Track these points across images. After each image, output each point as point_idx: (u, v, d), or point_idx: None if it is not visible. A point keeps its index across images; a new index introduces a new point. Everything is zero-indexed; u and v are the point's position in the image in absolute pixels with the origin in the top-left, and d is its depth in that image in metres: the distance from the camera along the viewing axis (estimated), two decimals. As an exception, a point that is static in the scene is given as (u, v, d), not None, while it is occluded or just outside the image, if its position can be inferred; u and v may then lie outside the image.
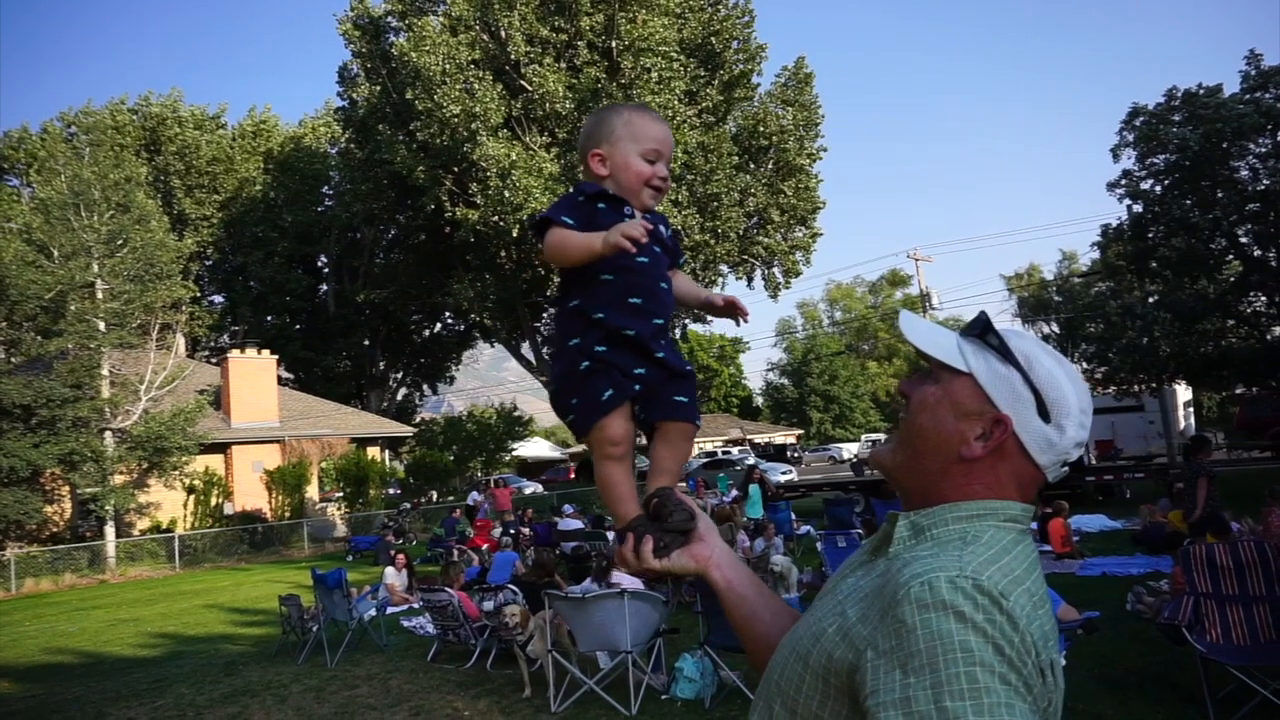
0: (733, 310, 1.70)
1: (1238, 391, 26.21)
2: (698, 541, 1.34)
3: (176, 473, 23.19)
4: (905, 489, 1.13)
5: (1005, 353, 1.08)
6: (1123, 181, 20.00)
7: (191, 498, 24.63)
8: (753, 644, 1.26)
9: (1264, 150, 18.15)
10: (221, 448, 25.81)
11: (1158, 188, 19.47)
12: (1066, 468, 1.10)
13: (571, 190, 1.54)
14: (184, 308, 31.22)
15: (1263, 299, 18.78)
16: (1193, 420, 34.51)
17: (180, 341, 28.66)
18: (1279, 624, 5.43)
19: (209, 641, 11.12)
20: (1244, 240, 18.76)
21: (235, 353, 27.75)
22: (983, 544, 0.99)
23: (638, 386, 1.40)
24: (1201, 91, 19.01)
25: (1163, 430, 27.33)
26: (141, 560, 22.17)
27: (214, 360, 32.91)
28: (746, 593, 1.30)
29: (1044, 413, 1.05)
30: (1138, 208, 19.77)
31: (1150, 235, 19.57)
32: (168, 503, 24.06)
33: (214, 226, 37.47)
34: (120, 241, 23.15)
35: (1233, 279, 19.34)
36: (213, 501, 25.04)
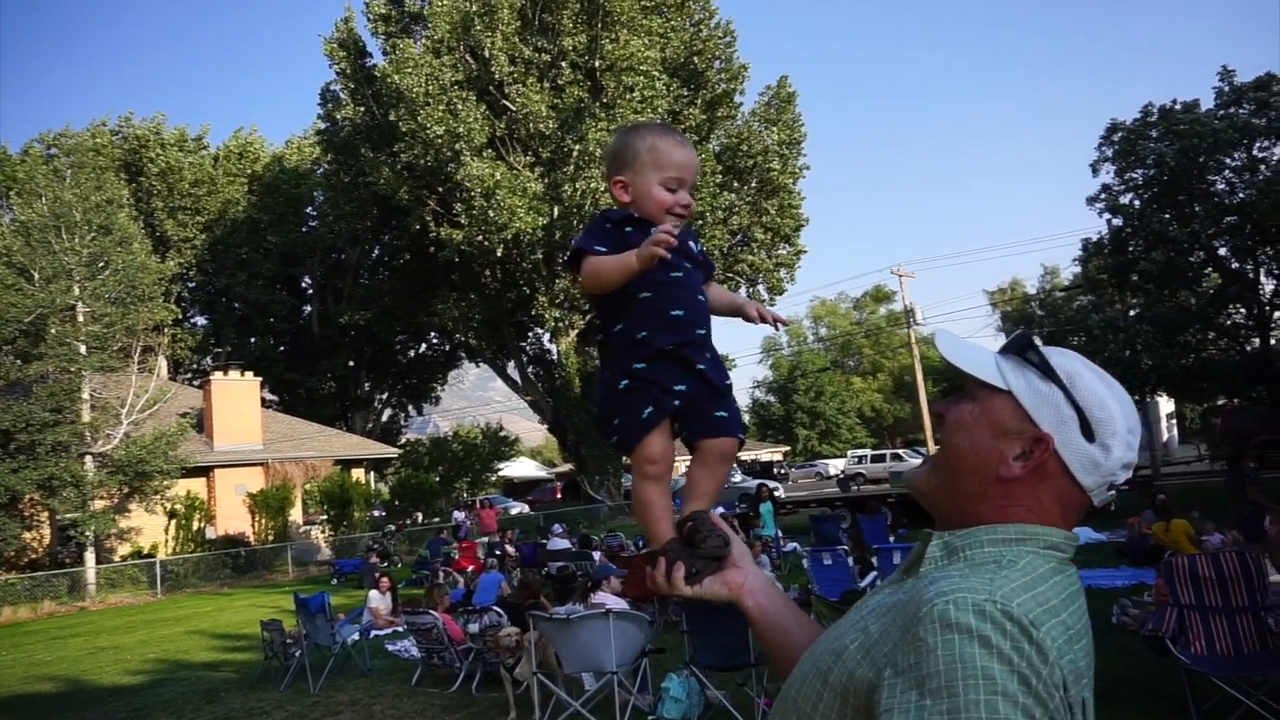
0: (765, 320, 1.67)
1: (1219, 403, 26.44)
2: (731, 568, 1.31)
3: (158, 497, 22.94)
4: (942, 512, 1.09)
5: (1046, 370, 1.04)
6: (1102, 196, 20.25)
7: (173, 522, 24.34)
8: (786, 671, 1.20)
9: (1239, 164, 18.43)
10: (204, 471, 25.55)
11: (1136, 202, 19.71)
12: (1113, 491, 1.05)
13: (598, 216, 1.54)
14: (166, 330, 30.99)
15: (1241, 311, 19.00)
16: (1175, 432, 34.80)
17: (162, 364, 28.45)
18: (1262, 635, 5.44)
19: (190, 669, 10.95)
20: (1222, 253, 19.00)
21: (218, 375, 27.58)
22: (1018, 569, 0.95)
23: (677, 402, 1.39)
24: (1178, 107, 19.31)
25: (1147, 443, 27.51)
26: (122, 586, 21.86)
27: (196, 383, 32.66)
28: (781, 620, 1.26)
29: (1088, 432, 1.01)
30: (1117, 222, 20.00)
31: (1130, 249, 19.79)
32: (149, 528, 23.78)
33: (197, 248, 37.33)
34: (102, 264, 23.00)
35: (1212, 291, 19.58)
36: (195, 526, 24.75)
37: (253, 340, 39.20)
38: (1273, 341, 18.53)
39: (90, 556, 21.92)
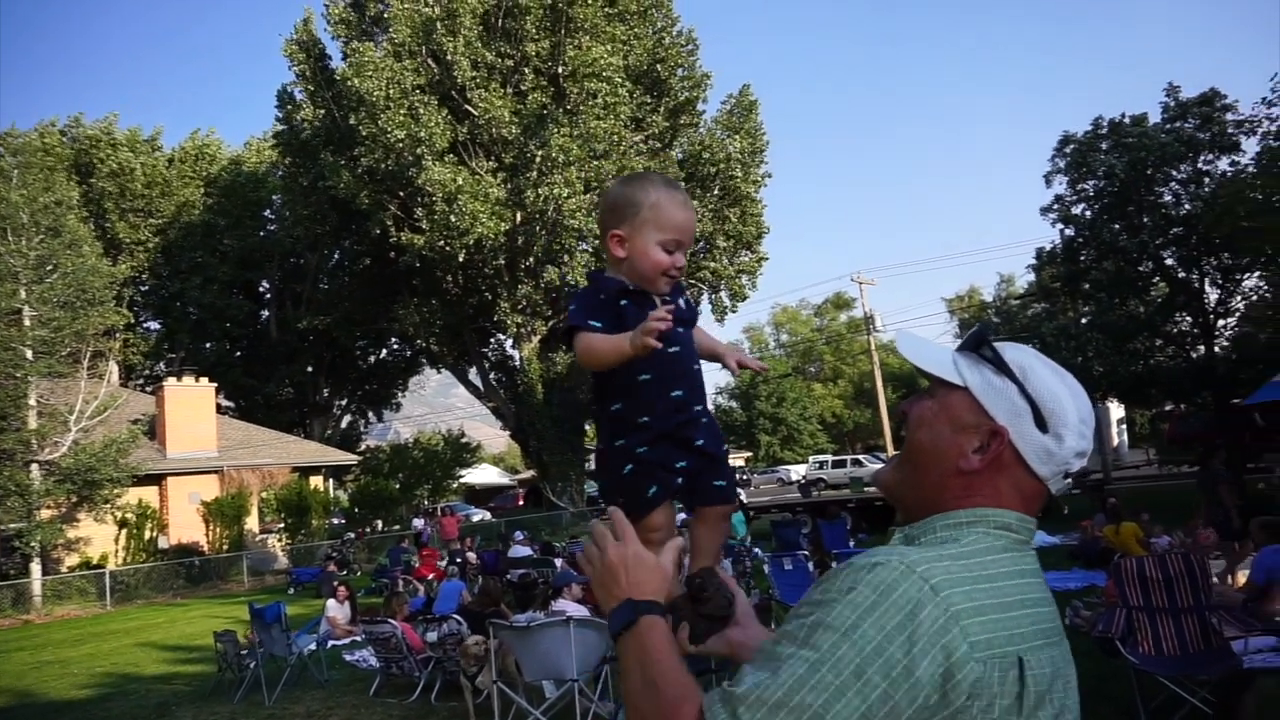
0: (745, 367, 1.69)
1: (1166, 408, 27.13)
2: (734, 626, 1.32)
3: (108, 506, 22.36)
4: (906, 506, 1.13)
5: (1000, 364, 1.08)
6: (1055, 206, 20.69)
7: (124, 532, 23.74)
8: None
9: (1184, 176, 18.96)
10: (156, 479, 24.98)
11: (1088, 212, 20.16)
12: (1069, 479, 1.09)
13: (592, 285, 1.51)
14: (118, 335, 30.26)
15: (1188, 319, 19.50)
16: (1126, 437, 35.64)
17: (113, 370, 27.76)
18: (1206, 634, 5.59)
19: (140, 682, 10.68)
20: (1169, 263, 19.50)
21: (171, 381, 26.97)
22: (958, 545, 1.01)
23: (680, 479, 1.43)
24: (1127, 121, 19.83)
25: (1098, 448, 28.12)
26: (70, 599, 21.28)
27: (149, 389, 31.93)
28: None
29: (1041, 423, 1.05)
30: (1070, 232, 20.44)
31: (1082, 258, 20.24)
32: (98, 537, 23.17)
33: (150, 251, 36.51)
34: (50, 267, 22.41)
35: (1159, 300, 20.08)
36: (146, 535, 24.16)
37: (208, 345, 38.43)
38: (1217, 349, 19.04)
39: (36, 568, 21.31)
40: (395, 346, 41.99)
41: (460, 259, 27.00)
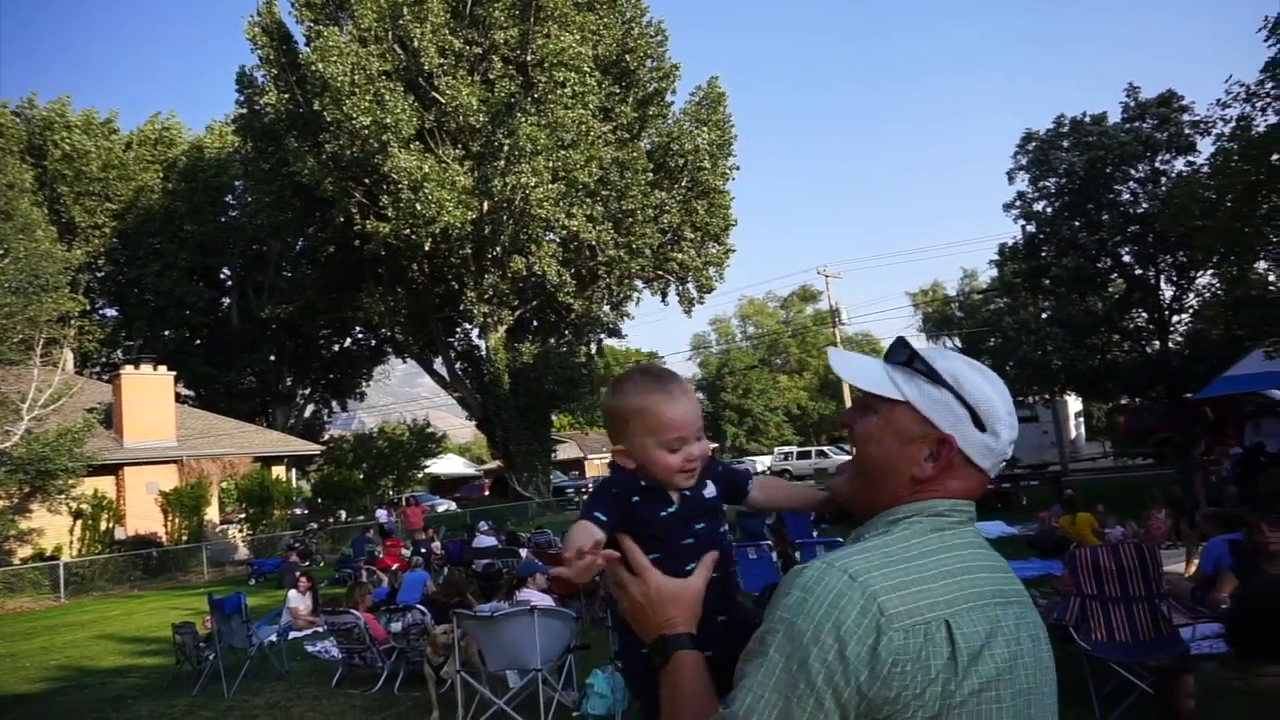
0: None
1: (1122, 402, 27.72)
2: None
3: (62, 496, 21.86)
4: (864, 514, 1.20)
5: (934, 376, 1.15)
6: (1017, 203, 21.01)
7: (79, 523, 23.24)
8: None
9: (1142, 175, 19.36)
10: (113, 469, 24.46)
11: (1049, 209, 20.50)
12: (1004, 462, 1.19)
13: (610, 476, 1.47)
14: (72, 322, 29.59)
15: (1144, 315, 19.94)
16: (1083, 430, 36.35)
17: (68, 357, 27.16)
18: (1156, 622, 5.74)
19: (96, 675, 10.49)
20: (1127, 260, 19.91)
21: (128, 369, 26.37)
22: (887, 536, 1.10)
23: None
24: (1087, 119, 20.17)
25: (1055, 440, 28.69)
26: (22, 591, 20.80)
27: (105, 377, 31.25)
28: None
29: (980, 424, 1.14)
30: (1031, 228, 20.78)
31: (1043, 254, 20.59)
32: (52, 528, 22.66)
33: (106, 236, 35.67)
34: (1, 251, 21.81)
35: (1117, 296, 20.49)
36: (103, 526, 23.67)
37: (167, 333, 37.68)
38: (1171, 345, 19.49)
39: (-13, 559, 20.81)
40: (360, 335, 41.55)
41: (426, 248, 26.76)
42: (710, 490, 1.46)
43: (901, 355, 1.19)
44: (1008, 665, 1.04)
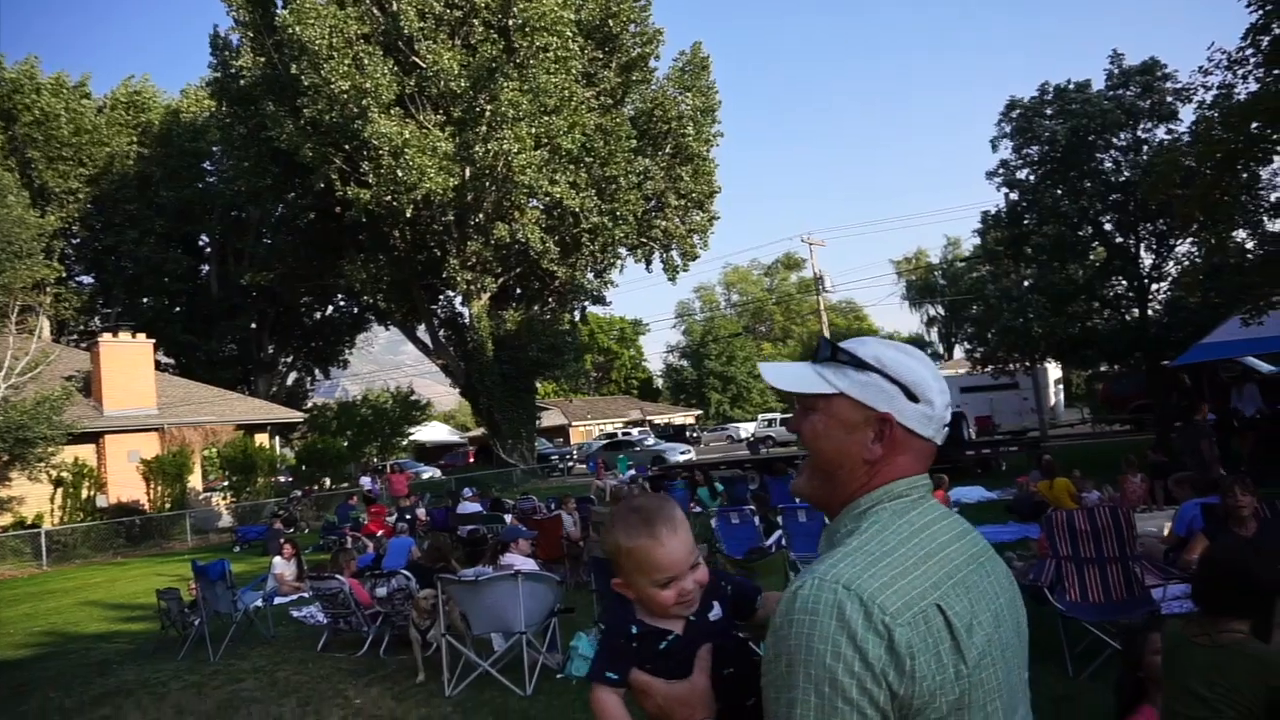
0: None
1: (1101, 369, 28.01)
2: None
3: (42, 464, 21.72)
4: (829, 507, 1.27)
5: (859, 363, 1.24)
6: (1000, 171, 20.97)
7: (59, 491, 23.14)
8: None
9: (1125, 144, 19.36)
10: (93, 437, 24.29)
11: (1032, 177, 20.49)
12: (947, 428, 1.26)
13: (609, 627, 1.54)
14: (48, 289, 29.19)
15: (1124, 283, 20.05)
16: (1062, 397, 36.76)
17: (44, 325, 26.84)
18: (1129, 582, 5.87)
19: (81, 641, 10.52)
20: (1108, 228, 19.97)
21: (107, 336, 26.08)
22: (861, 535, 1.16)
23: None
24: (1071, 87, 20.11)
25: (1035, 406, 29.00)
26: (3, 559, 20.72)
27: (83, 345, 30.92)
28: None
29: (912, 397, 1.21)
30: (1014, 196, 20.78)
31: (1025, 222, 20.61)
32: (33, 497, 22.55)
33: (81, 202, 35.02)
34: (-27, 217, 21.43)
35: (1098, 264, 20.59)
36: (84, 494, 23.57)
37: (145, 301, 37.23)
38: (1150, 313, 19.65)
39: (-33, 528, 20.69)
40: (341, 303, 41.23)
41: (408, 214, 26.50)
42: (716, 612, 1.49)
43: (826, 352, 1.27)
44: (994, 626, 1.14)
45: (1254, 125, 11.97)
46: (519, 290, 33.90)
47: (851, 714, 1.02)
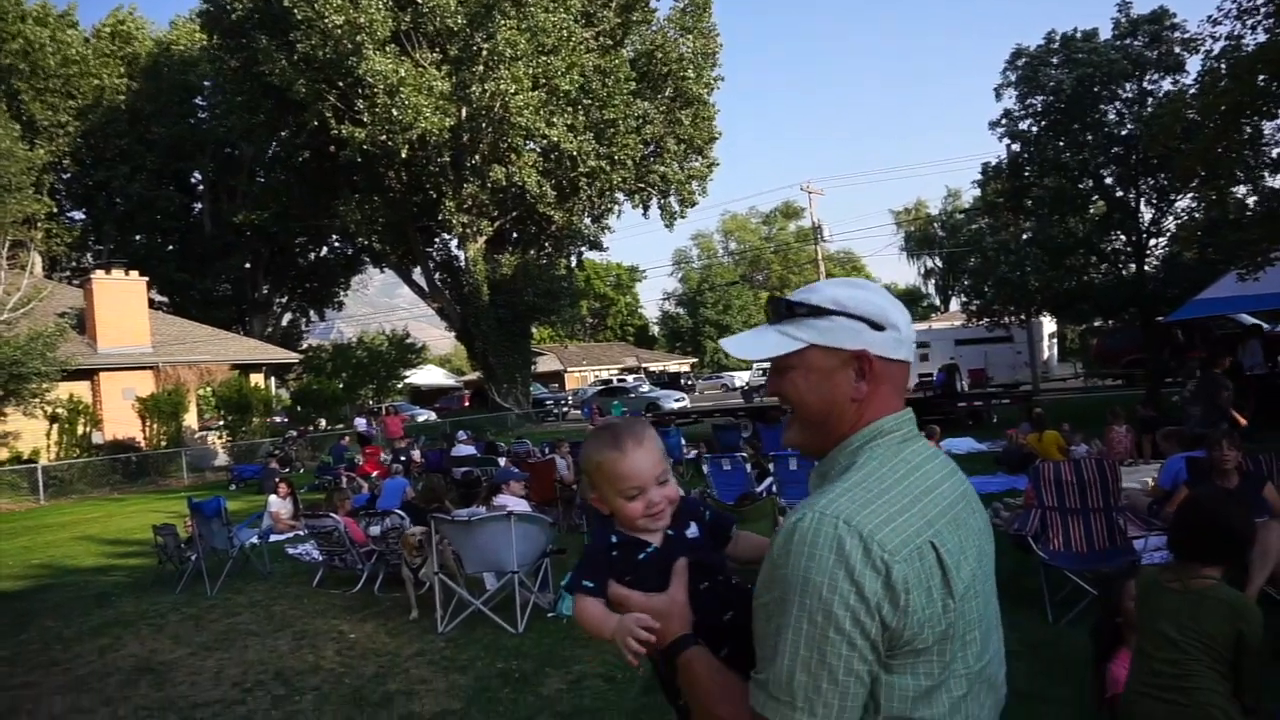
0: None
1: (1096, 324, 28.04)
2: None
3: (36, 400, 21.74)
4: (822, 451, 1.29)
5: (817, 310, 1.26)
6: (1003, 121, 20.68)
7: (55, 427, 23.22)
8: None
9: (1130, 96, 19.09)
10: (88, 374, 24.30)
11: (1034, 129, 20.23)
12: (915, 345, 1.31)
13: (590, 542, 1.60)
14: (39, 224, 28.87)
15: (1122, 238, 19.95)
16: (1056, 351, 36.89)
17: (36, 260, 26.62)
18: (1112, 533, 5.98)
19: (79, 574, 10.67)
20: (1108, 182, 19.79)
21: (100, 274, 25.90)
22: (857, 471, 1.19)
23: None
24: (1078, 36, 19.75)
25: (1029, 360, 29.13)
26: (1, 494, 20.91)
27: (76, 282, 30.72)
28: None
29: (877, 326, 1.24)
30: (1015, 147, 20.53)
31: (1026, 174, 20.42)
32: (28, 432, 22.61)
33: (70, 136, 34.41)
34: (-40, 149, 21.09)
35: (1097, 218, 20.46)
36: (79, 431, 23.67)
37: (138, 238, 36.90)
38: (1147, 268, 19.59)
39: (-37, 462, 20.80)
40: (336, 244, 40.94)
41: (403, 155, 26.17)
42: (693, 530, 1.53)
43: (782, 309, 1.29)
44: (977, 562, 1.20)
45: (1260, 78, 11.81)
46: (515, 234, 33.65)
47: (841, 644, 1.06)
